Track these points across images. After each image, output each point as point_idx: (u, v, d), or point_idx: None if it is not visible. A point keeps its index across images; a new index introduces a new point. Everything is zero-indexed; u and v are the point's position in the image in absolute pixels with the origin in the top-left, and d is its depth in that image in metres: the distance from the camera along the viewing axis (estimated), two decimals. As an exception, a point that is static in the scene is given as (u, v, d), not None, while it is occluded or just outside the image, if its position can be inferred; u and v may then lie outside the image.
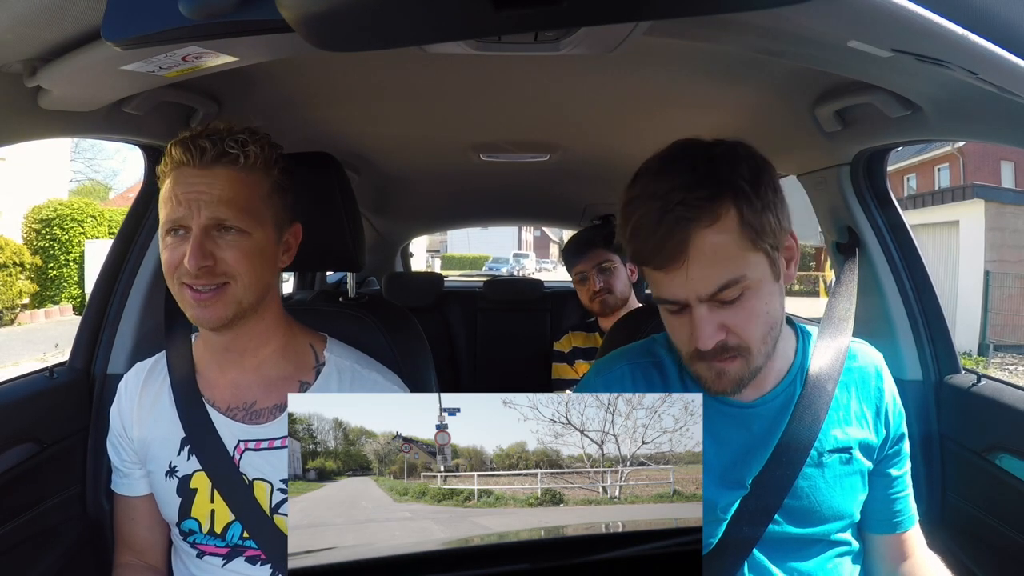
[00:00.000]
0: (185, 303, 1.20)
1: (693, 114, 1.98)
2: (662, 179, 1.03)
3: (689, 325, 1.06)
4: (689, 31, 1.11)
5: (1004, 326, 12.71)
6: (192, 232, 1.16)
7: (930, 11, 0.75)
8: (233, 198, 1.19)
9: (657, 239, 1.01)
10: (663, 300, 1.08)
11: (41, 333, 11.95)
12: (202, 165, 1.18)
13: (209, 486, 1.26)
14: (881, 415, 1.22)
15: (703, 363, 1.09)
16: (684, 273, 1.02)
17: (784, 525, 1.15)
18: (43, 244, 14.30)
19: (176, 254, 1.18)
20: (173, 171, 1.19)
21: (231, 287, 1.20)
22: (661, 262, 1.03)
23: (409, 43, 0.77)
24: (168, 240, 1.19)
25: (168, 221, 1.19)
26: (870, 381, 1.24)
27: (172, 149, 1.19)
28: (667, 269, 1.03)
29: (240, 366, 1.30)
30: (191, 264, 1.15)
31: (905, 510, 1.25)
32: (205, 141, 1.18)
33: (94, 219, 14.72)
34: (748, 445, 1.16)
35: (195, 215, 1.17)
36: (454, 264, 38.58)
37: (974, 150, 19.13)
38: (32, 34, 0.96)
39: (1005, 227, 13.55)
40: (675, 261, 1.01)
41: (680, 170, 1.03)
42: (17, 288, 13.25)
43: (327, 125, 2.06)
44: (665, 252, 1.01)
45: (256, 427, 1.28)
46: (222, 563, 1.27)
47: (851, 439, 1.18)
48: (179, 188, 1.18)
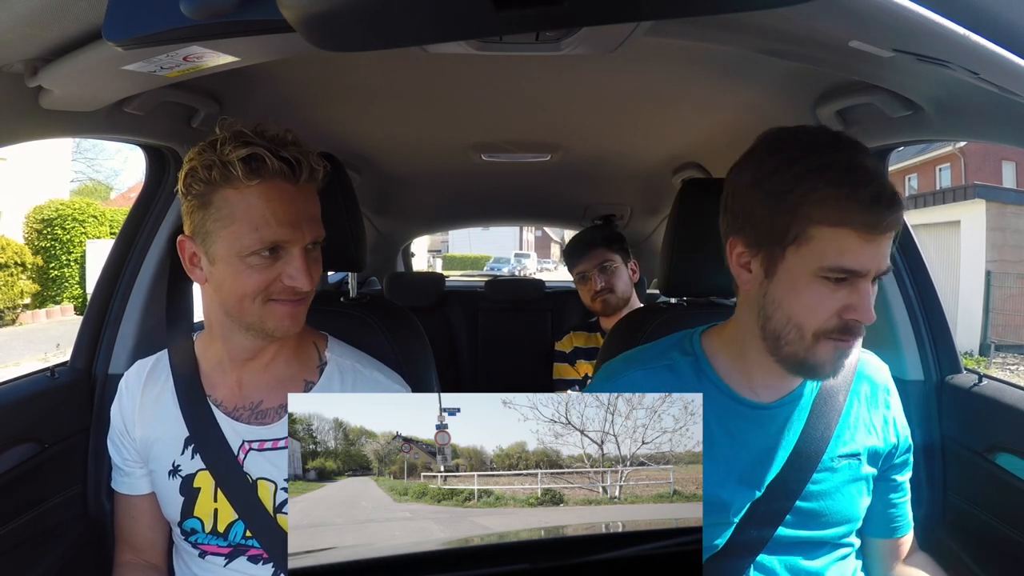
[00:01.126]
0: (271, 316, 1.19)
1: (694, 114, 1.99)
2: (847, 154, 1.04)
3: (845, 299, 1.04)
4: (690, 31, 1.11)
5: (1005, 326, 12.69)
6: (293, 252, 1.16)
7: (931, 11, 0.75)
8: (319, 215, 1.22)
9: (882, 205, 0.99)
10: (840, 268, 1.03)
11: (42, 333, 11.96)
12: (298, 181, 1.16)
13: (212, 485, 1.26)
14: (889, 424, 1.23)
15: (834, 342, 1.06)
16: (885, 244, 1.02)
17: (792, 528, 1.15)
18: (44, 244, 14.32)
19: (270, 274, 1.16)
20: (264, 183, 1.13)
21: (311, 295, 1.23)
22: (879, 229, 1.01)
23: (410, 43, 0.77)
24: (254, 260, 1.15)
25: (262, 240, 1.14)
26: (879, 393, 1.24)
27: (266, 160, 1.12)
28: (876, 234, 1.01)
29: (249, 366, 1.30)
30: (305, 284, 1.16)
31: (904, 516, 1.27)
32: (296, 153, 1.15)
33: (95, 219, 14.73)
34: (765, 446, 1.15)
35: (299, 237, 1.16)
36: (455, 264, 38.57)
37: (975, 150, 19.11)
38: (33, 34, 0.96)
39: (1006, 227, 13.54)
40: (887, 231, 1.01)
41: (851, 147, 1.05)
42: (18, 288, 13.26)
43: (328, 125, 2.07)
44: (885, 220, 1.00)
45: (261, 428, 1.28)
46: (224, 562, 1.27)
47: (859, 446, 1.18)
48: (278, 207, 1.14)
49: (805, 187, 1.03)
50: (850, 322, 1.04)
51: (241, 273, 1.15)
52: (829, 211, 1.01)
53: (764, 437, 1.16)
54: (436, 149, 2.50)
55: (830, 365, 1.08)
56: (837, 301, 1.04)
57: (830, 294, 1.04)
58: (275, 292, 1.17)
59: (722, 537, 1.14)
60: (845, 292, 1.03)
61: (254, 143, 1.12)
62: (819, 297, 1.05)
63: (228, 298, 1.19)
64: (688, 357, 1.22)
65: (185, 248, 1.21)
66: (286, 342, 1.31)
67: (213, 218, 1.15)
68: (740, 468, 1.14)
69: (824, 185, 1.01)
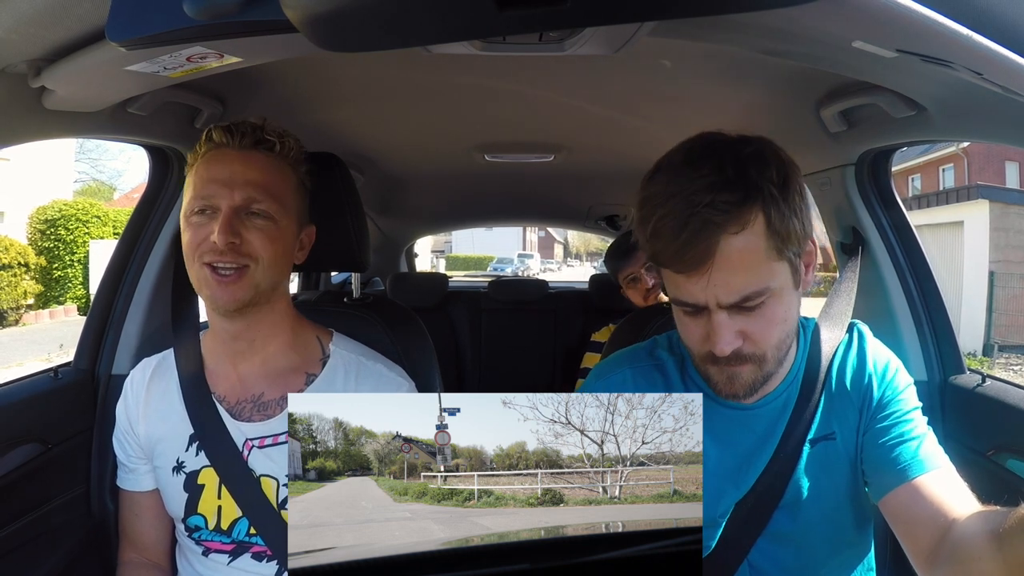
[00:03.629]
0: (204, 283, 1.22)
1: (698, 114, 1.98)
2: (686, 176, 0.98)
3: (705, 327, 1.03)
4: (693, 31, 1.11)
5: (1008, 326, 12.67)
6: (222, 211, 1.19)
7: (935, 11, 0.75)
8: (265, 183, 1.23)
9: (681, 242, 0.96)
10: (681, 302, 1.04)
11: (45, 334, 11.97)
12: (241, 148, 1.23)
13: (216, 482, 1.26)
14: (863, 384, 1.17)
15: (715, 367, 1.06)
16: (707, 279, 0.98)
17: (781, 523, 1.14)
18: (48, 244, 14.34)
19: (202, 232, 1.20)
20: (208, 152, 1.23)
21: (251, 270, 1.22)
22: (683, 266, 0.98)
23: (413, 43, 0.77)
24: (194, 220, 1.21)
25: (198, 199, 1.21)
26: (849, 356, 1.20)
27: (212, 132, 1.23)
28: (689, 273, 0.99)
29: (248, 358, 1.31)
30: (220, 239, 1.17)
31: (907, 456, 1.09)
32: (246, 126, 1.24)
33: (99, 219, 14.75)
34: (751, 446, 1.15)
35: (228, 195, 1.19)
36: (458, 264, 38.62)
37: (978, 150, 19.08)
38: (36, 34, 0.96)
39: (1009, 227, 13.53)
40: (699, 266, 0.97)
41: (706, 168, 0.98)
42: (22, 288, 13.29)
43: (332, 126, 2.07)
44: (688, 256, 0.97)
45: (263, 423, 1.28)
46: (228, 560, 1.27)
47: (833, 427, 1.16)
48: (214, 168, 1.22)
49: (635, 221, 1.04)
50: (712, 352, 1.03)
51: (185, 233, 1.22)
52: (648, 249, 1.03)
53: (747, 437, 1.16)
54: (439, 150, 2.50)
55: (727, 386, 1.07)
56: (700, 328, 1.04)
57: (692, 322, 1.05)
58: (205, 252, 1.19)
59: (713, 537, 1.14)
60: (703, 322, 1.03)
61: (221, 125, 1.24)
62: (684, 324, 1.08)
63: (185, 261, 1.24)
64: (674, 357, 1.23)
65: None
66: (282, 335, 1.33)
67: (186, 188, 1.26)
68: (724, 468, 1.14)
69: (640, 223, 1.02)
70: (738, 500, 1.14)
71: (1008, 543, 0.85)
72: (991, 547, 0.88)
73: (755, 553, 1.15)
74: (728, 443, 1.15)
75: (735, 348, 1.02)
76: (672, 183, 0.99)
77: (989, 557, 0.88)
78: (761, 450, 1.14)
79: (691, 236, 0.95)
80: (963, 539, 0.95)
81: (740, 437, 1.16)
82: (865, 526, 1.23)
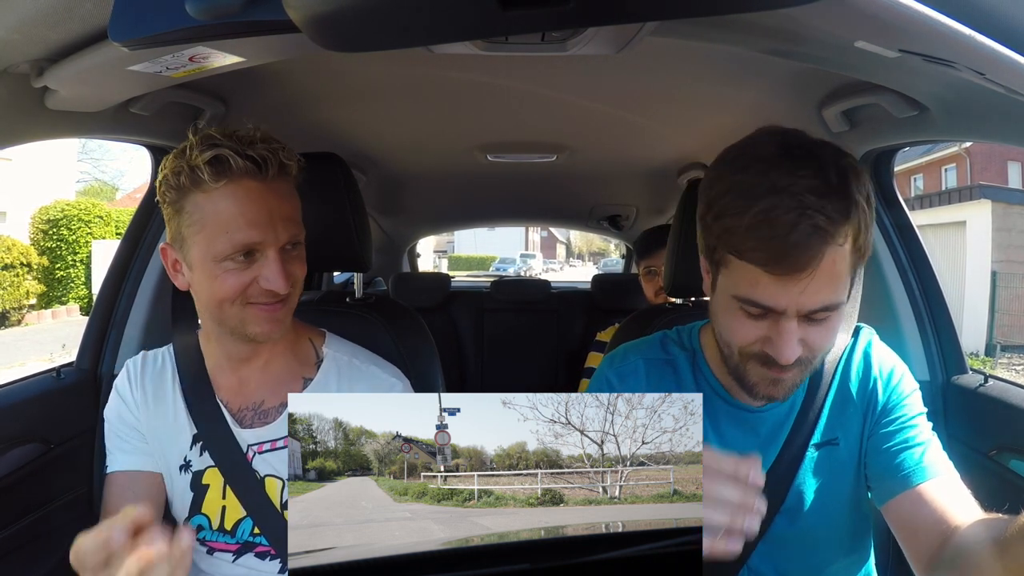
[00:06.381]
0: (249, 321, 1.17)
1: (700, 114, 1.98)
2: (787, 171, 0.92)
3: (767, 330, 0.99)
4: (696, 32, 1.11)
5: (1011, 326, 12.66)
6: (268, 256, 1.13)
7: (937, 11, 0.75)
8: (294, 214, 1.18)
9: (789, 244, 0.90)
10: (751, 302, 0.98)
11: (48, 334, 12.00)
12: (269, 179, 1.12)
13: (221, 482, 1.26)
14: (868, 388, 1.17)
15: (762, 368, 1.02)
16: (802, 285, 0.93)
17: (782, 527, 1.14)
18: (50, 245, 14.38)
19: (244, 277, 1.13)
20: (231, 184, 1.10)
21: (291, 297, 1.20)
22: (782, 268, 0.92)
23: (415, 43, 0.77)
24: (229, 265, 1.13)
25: (234, 245, 1.11)
26: (854, 360, 1.20)
27: (231, 159, 1.08)
28: (784, 276, 0.93)
29: (248, 365, 1.30)
30: (282, 285, 1.13)
31: (911, 463, 1.09)
32: (263, 150, 1.11)
33: (101, 220, 14.79)
34: (755, 449, 1.15)
35: (272, 237, 1.13)
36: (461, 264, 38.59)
37: (981, 150, 19.05)
38: (39, 34, 0.96)
39: (1012, 227, 13.51)
40: (799, 271, 0.92)
41: (808, 169, 0.92)
42: (24, 288, 13.32)
43: (334, 125, 2.07)
44: (792, 259, 0.91)
45: (264, 429, 1.28)
46: (232, 559, 1.27)
47: (836, 430, 1.16)
48: (247, 207, 1.11)
49: (717, 209, 0.99)
50: (770, 355, 1.00)
51: (217, 278, 1.14)
52: (734, 241, 0.97)
53: (756, 439, 1.16)
54: (442, 150, 2.50)
55: (766, 387, 1.04)
56: (758, 330, 1.00)
57: (751, 323, 1.00)
58: (253, 295, 1.15)
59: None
60: (766, 324, 0.99)
61: (220, 144, 1.09)
62: (740, 322, 1.02)
63: (208, 303, 1.18)
64: (686, 352, 1.23)
65: (167, 255, 1.20)
66: (281, 341, 1.30)
67: (187, 223, 1.13)
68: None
69: (731, 212, 0.96)
70: None
71: (1009, 551, 0.85)
72: (992, 555, 0.88)
73: (755, 557, 1.15)
74: (732, 445, 1.14)
75: (796, 356, 0.99)
76: (772, 175, 0.93)
77: (990, 565, 0.88)
78: (764, 453, 1.14)
79: (801, 239, 0.90)
80: (964, 546, 0.95)
81: (744, 439, 1.16)
82: (866, 531, 1.24)
